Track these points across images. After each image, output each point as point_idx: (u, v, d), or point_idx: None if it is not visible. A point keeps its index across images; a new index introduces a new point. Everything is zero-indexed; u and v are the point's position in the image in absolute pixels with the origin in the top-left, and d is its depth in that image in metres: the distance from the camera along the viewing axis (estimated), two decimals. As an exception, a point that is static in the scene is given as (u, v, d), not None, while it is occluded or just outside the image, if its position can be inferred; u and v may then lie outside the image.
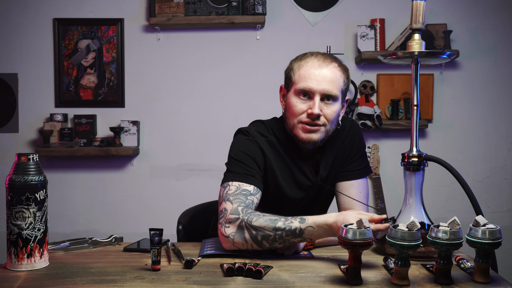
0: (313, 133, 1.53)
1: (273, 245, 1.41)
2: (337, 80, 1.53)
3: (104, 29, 3.15)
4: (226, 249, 1.45)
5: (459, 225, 1.21)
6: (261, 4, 3.00)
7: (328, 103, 1.53)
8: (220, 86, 3.16)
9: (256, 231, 1.39)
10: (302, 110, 1.53)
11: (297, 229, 1.38)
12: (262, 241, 1.40)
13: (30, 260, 1.31)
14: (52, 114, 3.09)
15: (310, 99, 1.52)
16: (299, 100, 1.53)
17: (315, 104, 1.50)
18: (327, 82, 1.51)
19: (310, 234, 1.39)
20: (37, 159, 1.33)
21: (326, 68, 1.52)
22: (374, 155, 3.10)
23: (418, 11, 1.46)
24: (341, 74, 1.55)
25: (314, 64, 1.53)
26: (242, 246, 1.42)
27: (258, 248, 1.42)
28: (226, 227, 1.43)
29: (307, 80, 1.51)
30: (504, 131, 3.18)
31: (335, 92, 1.52)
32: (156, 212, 3.16)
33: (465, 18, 3.13)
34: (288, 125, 1.58)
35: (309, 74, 1.51)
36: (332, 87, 1.51)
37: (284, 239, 1.39)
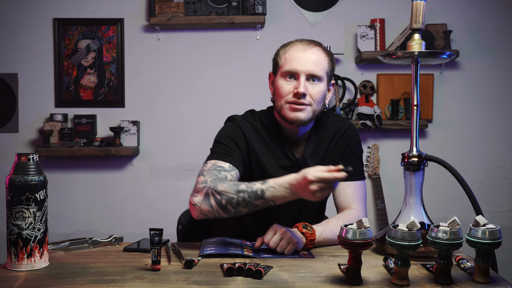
0: (299, 111, 1.58)
1: (238, 210, 1.44)
2: (321, 61, 1.60)
3: (104, 29, 3.15)
4: (195, 218, 1.50)
5: (459, 225, 1.21)
6: (261, 4, 3.00)
7: (313, 83, 1.59)
8: (220, 86, 3.16)
9: (221, 195, 1.44)
10: (288, 91, 1.59)
11: (258, 190, 1.42)
12: (227, 205, 1.43)
13: (30, 260, 1.31)
14: (52, 114, 3.09)
15: (296, 80, 1.59)
16: (286, 81, 1.60)
17: (300, 84, 1.57)
18: (312, 63, 1.58)
19: (272, 195, 1.41)
20: (37, 159, 1.33)
21: (310, 51, 1.60)
22: (374, 155, 3.10)
23: (418, 11, 1.46)
24: (325, 56, 1.62)
25: (298, 47, 1.61)
26: (209, 213, 1.46)
27: (225, 214, 1.46)
28: (194, 196, 1.49)
29: (293, 62, 1.58)
30: (504, 131, 3.18)
31: (319, 73, 1.59)
32: (156, 212, 3.16)
33: (465, 18, 3.13)
34: (277, 108, 1.64)
35: (294, 57, 1.59)
36: (317, 68, 1.58)
37: (247, 201, 1.42)
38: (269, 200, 1.42)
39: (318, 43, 1.65)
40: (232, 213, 1.45)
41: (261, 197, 1.42)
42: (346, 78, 3.10)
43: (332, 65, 1.65)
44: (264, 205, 1.43)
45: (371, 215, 3.14)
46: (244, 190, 1.43)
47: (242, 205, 1.43)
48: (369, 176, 3.14)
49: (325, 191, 1.36)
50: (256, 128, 1.68)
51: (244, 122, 1.69)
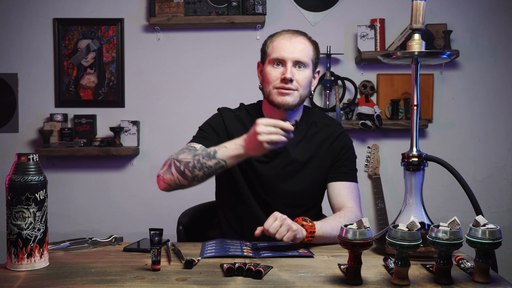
0: (287, 96, 1.65)
1: (194, 173, 1.53)
2: (307, 49, 1.68)
3: (104, 29, 3.15)
4: (160, 189, 1.61)
5: (459, 225, 1.21)
6: (261, 4, 3.00)
7: (299, 69, 1.66)
8: (220, 86, 3.15)
9: (180, 162, 1.55)
10: (276, 77, 1.66)
11: (211, 151, 1.53)
12: (185, 170, 1.53)
13: (30, 260, 1.31)
14: (52, 114, 3.09)
15: (283, 66, 1.66)
16: (274, 68, 1.67)
17: (287, 70, 1.64)
18: (298, 51, 1.65)
19: (223, 154, 1.51)
20: (37, 159, 1.33)
21: (296, 39, 1.68)
22: (374, 155, 3.10)
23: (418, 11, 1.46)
24: (310, 44, 1.70)
25: (285, 36, 1.68)
26: (170, 181, 1.57)
27: (184, 181, 1.55)
28: (160, 169, 1.61)
29: (280, 50, 1.66)
30: (504, 131, 3.18)
31: (305, 59, 1.66)
32: (156, 212, 3.16)
33: (465, 18, 3.13)
34: (265, 94, 1.71)
35: (281, 45, 1.66)
36: (302, 55, 1.65)
37: (201, 163, 1.52)
38: (221, 160, 1.51)
39: (304, 33, 1.72)
40: (190, 178, 1.54)
41: (214, 157, 1.51)
42: (346, 78, 3.10)
43: (317, 53, 1.72)
44: (217, 166, 1.52)
45: (371, 215, 3.14)
46: (199, 153, 1.54)
47: (198, 167, 1.52)
48: (369, 176, 3.15)
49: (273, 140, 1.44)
50: (238, 116, 1.77)
51: (228, 112, 1.80)
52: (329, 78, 3.06)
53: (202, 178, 1.55)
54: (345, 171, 1.76)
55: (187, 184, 1.57)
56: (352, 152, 1.80)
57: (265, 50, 1.73)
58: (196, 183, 1.57)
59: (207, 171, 1.53)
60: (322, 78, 3.09)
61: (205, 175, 1.54)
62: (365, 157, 3.13)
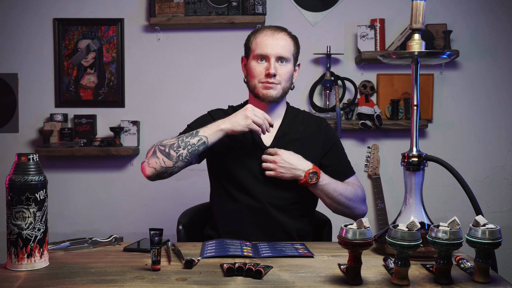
0: (271, 89, 1.76)
1: (179, 152, 1.64)
2: (288, 45, 1.78)
3: (104, 29, 3.15)
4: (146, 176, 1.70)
5: (459, 225, 1.21)
6: (261, 4, 3.00)
7: (281, 64, 1.77)
8: (220, 86, 3.15)
9: (164, 146, 1.66)
10: (260, 72, 1.76)
11: (194, 131, 1.67)
12: (170, 151, 1.64)
13: (30, 260, 1.31)
14: (52, 114, 3.09)
15: (266, 61, 1.76)
16: (258, 63, 1.77)
17: (271, 65, 1.74)
18: (280, 47, 1.76)
19: (204, 131, 1.66)
20: (37, 159, 1.33)
21: (278, 35, 1.77)
22: (374, 155, 3.10)
23: (418, 11, 1.47)
24: (291, 40, 1.80)
25: (267, 33, 1.78)
26: (156, 165, 1.66)
27: (169, 161, 1.64)
28: (145, 157, 1.72)
29: (263, 46, 1.76)
30: (504, 131, 3.18)
31: (287, 55, 1.77)
32: (156, 212, 3.16)
33: (465, 18, 3.13)
34: (250, 87, 1.82)
35: (264, 41, 1.76)
36: (284, 51, 1.76)
37: (185, 142, 1.64)
38: (202, 136, 1.64)
39: (284, 29, 1.82)
40: (175, 158, 1.64)
41: (196, 135, 1.65)
42: (346, 78, 3.10)
43: (297, 48, 1.83)
44: (199, 142, 1.64)
45: (371, 215, 3.14)
46: (183, 134, 1.69)
47: (182, 146, 1.64)
48: (369, 176, 3.15)
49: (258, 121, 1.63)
50: (227, 113, 1.85)
51: (216, 110, 1.93)
52: (329, 78, 3.06)
53: (186, 157, 1.65)
54: (342, 169, 1.84)
55: (172, 166, 1.66)
56: (341, 144, 1.92)
57: (248, 45, 1.82)
58: (180, 164, 1.66)
59: (191, 149, 1.64)
60: (322, 78, 3.09)
61: (189, 153, 1.65)
62: (365, 157, 3.13)
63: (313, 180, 1.67)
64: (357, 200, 1.78)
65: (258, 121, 1.64)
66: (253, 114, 1.64)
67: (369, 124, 2.98)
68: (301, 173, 1.67)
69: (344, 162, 1.88)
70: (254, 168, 1.76)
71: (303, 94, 3.15)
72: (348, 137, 3.13)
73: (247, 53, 1.84)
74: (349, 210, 1.78)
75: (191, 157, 1.66)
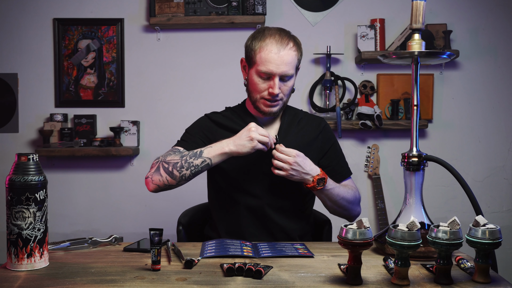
0: (273, 107, 1.74)
1: (182, 173, 1.62)
2: (293, 60, 1.70)
3: (104, 29, 3.15)
4: (149, 190, 1.69)
5: (459, 225, 1.21)
6: (261, 4, 3.00)
7: (285, 81, 1.71)
8: (220, 86, 3.15)
9: (168, 164, 1.64)
10: (263, 88, 1.71)
11: (198, 150, 1.64)
12: (173, 170, 1.63)
13: (30, 260, 1.31)
14: (52, 114, 3.09)
15: (270, 79, 1.69)
16: (260, 79, 1.70)
17: (275, 85, 1.68)
18: (285, 65, 1.68)
19: (208, 152, 1.62)
20: (37, 159, 1.33)
21: (284, 51, 1.67)
22: (374, 155, 3.10)
23: (418, 11, 1.47)
24: (296, 53, 1.72)
25: (273, 48, 1.67)
26: (159, 182, 1.65)
27: (172, 181, 1.64)
28: (148, 171, 1.70)
29: (267, 64, 1.67)
30: (504, 131, 3.18)
31: (291, 72, 1.70)
32: (156, 212, 3.16)
33: (465, 18, 3.13)
34: (251, 99, 1.77)
35: (269, 58, 1.67)
36: (289, 68, 1.69)
37: (188, 163, 1.62)
38: (206, 158, 1.62)
39: (291, 37, 1.72)
40: (178, 178, 1.63)
41: (200, 156, 1.62)
42: (346, 78, 3.10)
43: (300, 56, 1.75)
44: (203, 164, 1.62)
45: (371, 215, 3.14)
46: (187, 154, 1.64)
47: (185, 167, 1.62)
48: (369, 176, 3.14)
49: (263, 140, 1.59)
50: (224, 115, 1.85)
51: (214, 113, 1.89)
52: (329, 78, 3.06)
53: (189, 177, 1.65)
54: (340, 170, 1.85)
55: (175, 184, 1.66)
56: (339, 145, 1.91)
57: (251, 55, 1.73)
58: (183, 183, 1.66)
59: (194, 170, 1.63)
60: (322, 78, 3.09)
61: (192, 173, 1.63)
62: (365, 157, 3.13)
63: (320, 186, 1.66)
64: (356, 203, 1.82)
65: (263, 140, 1.60)
66: (258, 134, 1.60)
67: (369, 124, 2.98)
68: (310, 178, 1.65)
69: (343, 163, 1.89)
70: (252, 169, 1.75)
71: (303, 94, 3.15)
72: (348, 137, 3.13)
73: (249, 60, 1.75)
74: (347, 212, 1.80)
75: (194, 177, 1.66)
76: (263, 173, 1.73)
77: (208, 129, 1.82)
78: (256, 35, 1.74)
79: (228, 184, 1.78)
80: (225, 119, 1.84)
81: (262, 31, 1.73)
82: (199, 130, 1.83)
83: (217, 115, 1.88)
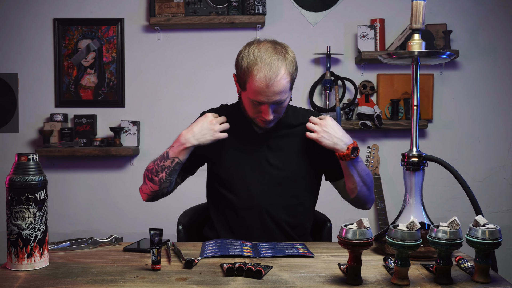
0: (269, 124, 1.69)
1: (159, 176, 1.67)
2: (285, 88, 1.59)
3: (104, 29, 3.15)
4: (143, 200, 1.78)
5: (459, 225, 1.21)
6: (261, 4, 3.00)
7: (279, 104, 1.63)
8: (220, 86, 3.15)
9: (148, 171, 1.71)
10: (257, 112, 1.65)
11: (165, 153, 1.69)
12: (152, 176, 1.69)
13: (30, 260, 1.31)
14: (52, 114, 3.09)
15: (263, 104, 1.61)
16: (253, 104, 1.64)
17: (267, 113, 1.62)
18: (276, 95, 1.59)
19: (173, 152, 1.67)
20: (37, 159, 1.33)
21: (275, 82, 1.56)
22: (374, 155, 3.10)
23: (418, 11, 1.47)
24: (289, 80, 1.60)
25: (262, 80, 1.56)
26: (146, 190, 1.73)
27: (155, 186, 1.70)
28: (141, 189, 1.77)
29: (258, 95, 1.59)
30: (504, 131, 3.18)
31: (284, 98, 1.62)
32: (156, 212, 3.16)
33: (465, 18, 3.13)
34: (246, 114, 1.72)
35: (259, 91, 1.58)
36: (281, 96, 1.60)
37: (160, 166, 1.67)
38: (173, 157, 1.67)
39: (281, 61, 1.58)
40: (157, 182, 1.68)
41: (167, 157, 1.67)
42: (346, 78, 3.10)
43: (295, 75, 1.65)
44: (173, 163, 1.67)
45: (371, 215, 3.14)
46: (158, 158, 1.70)
47: (160, 170, 1.67)
48: (369, 176, 3.14)
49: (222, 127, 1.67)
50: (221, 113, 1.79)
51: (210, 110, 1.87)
52: (329, 78, 3.06)
53: (167, 179, 1.69)
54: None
55: (159, 189, 1.71)
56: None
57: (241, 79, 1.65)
58: (166, 185, 1.71)
59: (168, 171, 1.68)
60: (322, 78, 3.09)
61: (168, 175, 1.69)
62: (365, 157, 3.13)
63: (354, 155, 1.64)
64: (373, 185, 1.80)
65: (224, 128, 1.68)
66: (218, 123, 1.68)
67: (369, 124, 2.98)
68: (343, 145, 1.63)
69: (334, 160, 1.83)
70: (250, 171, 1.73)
71: (303, 94, 3.15)
72: (348, 137, 3.13)
73: (240, 83, 1.68)
74: (369, 193, 1.76)
75: (172, 177, 1.70)
76: (260, 174, 1.72)
77: None
78: (245, 55, 1.65)
79: (226, 186, 1.76)
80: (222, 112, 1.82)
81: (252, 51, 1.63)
82: None
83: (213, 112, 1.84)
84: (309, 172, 1.77)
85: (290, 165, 1.74)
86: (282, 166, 1.74)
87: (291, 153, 1.75)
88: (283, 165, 1.74)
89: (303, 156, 1.75)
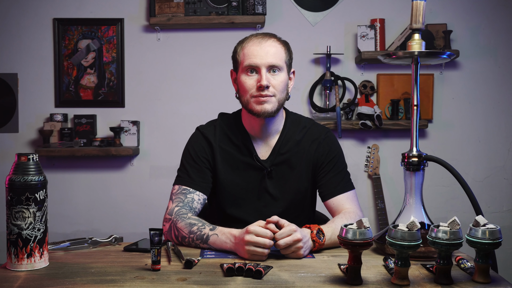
0: (265, 103, 1.62)
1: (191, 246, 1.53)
2: (279, 52, 1.64)
3: (104, 29, 3.15)
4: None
5: (459, 225, 1.21)
6: (261, 4, 3.00)
7: (274, 74, 1.63)
8: (220, 86, 3.15)
9: (178, 232, 1.56)
10: (252, 85, 1.64)
11: (204, 235, 1.51)
12: (182, 241, 1.55)
13: (30, 260, 1.31)
14: (52, 114, 3.09)
15: (257, 73, 1.63)
16: (248, 76, 1.65)
17: (262, 77, 1.61)
18: (270, 55, 1.62)
19: (213, 242, 1.49)
20: (37, 159, 1.33)
21: (266, 43, 1.64)
22: (374, 155, 3.10)
23: (418, 11, 1.46)
24: (281, 46, 1.66)
25: (254, 42, 1.65)
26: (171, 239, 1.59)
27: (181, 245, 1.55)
28: (164, 224, 1.63)
29: (251, 57, 1.63)
30: (504, 131, 3.18)
31: (278, 63, 1.63)
32: (156, 212, 3.15)
33: (465, 18, 3.13)
34: (243, 103, 1.69)
35: (252, 51, 1.63)
36: (275, 59, 1.62)
37: (195, 243, 1.52)
38: (211, 246, 1.50)
39: (273, 35, 1.69)
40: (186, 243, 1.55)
41: (206, 242, 1.50)
42: (346, 78, 3.10)
43: (289, 54, 1.69)
44: (210, 248, 1.51)
45: (371, 215, 3.14)
46: (194, 232, 1.52)
47: (193, 245, 1.53)
48: (369, 176, 3.15)
49: (257, 253, 1.38)
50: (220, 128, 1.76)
51: (206, 126, 1.79)
52: (329, 78, 3.06)
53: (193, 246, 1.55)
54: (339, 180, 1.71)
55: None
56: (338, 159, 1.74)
57: (236, 58, 1.70)
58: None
59: (200, 248, 1.53)
60: (322, 78, 3.09)
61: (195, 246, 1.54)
62: (365, 157, 3.13)
63: (322, 240, 1.49)
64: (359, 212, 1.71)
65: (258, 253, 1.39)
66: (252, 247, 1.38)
67: (369, 124, 2.98)
68: (310, 241, 1.47)
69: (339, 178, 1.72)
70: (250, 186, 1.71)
71: (303, 94, 3.15)
72: (348, 137, 3.13)
73: (236, 66, 1.72)
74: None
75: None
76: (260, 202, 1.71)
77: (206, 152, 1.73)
78: (239, 40, 1.72)
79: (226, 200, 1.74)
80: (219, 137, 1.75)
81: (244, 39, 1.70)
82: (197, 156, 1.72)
83: (209, 127, 1.77)
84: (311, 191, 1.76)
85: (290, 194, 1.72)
86: (282, 196, 1.72)
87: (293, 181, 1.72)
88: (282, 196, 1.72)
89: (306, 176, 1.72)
